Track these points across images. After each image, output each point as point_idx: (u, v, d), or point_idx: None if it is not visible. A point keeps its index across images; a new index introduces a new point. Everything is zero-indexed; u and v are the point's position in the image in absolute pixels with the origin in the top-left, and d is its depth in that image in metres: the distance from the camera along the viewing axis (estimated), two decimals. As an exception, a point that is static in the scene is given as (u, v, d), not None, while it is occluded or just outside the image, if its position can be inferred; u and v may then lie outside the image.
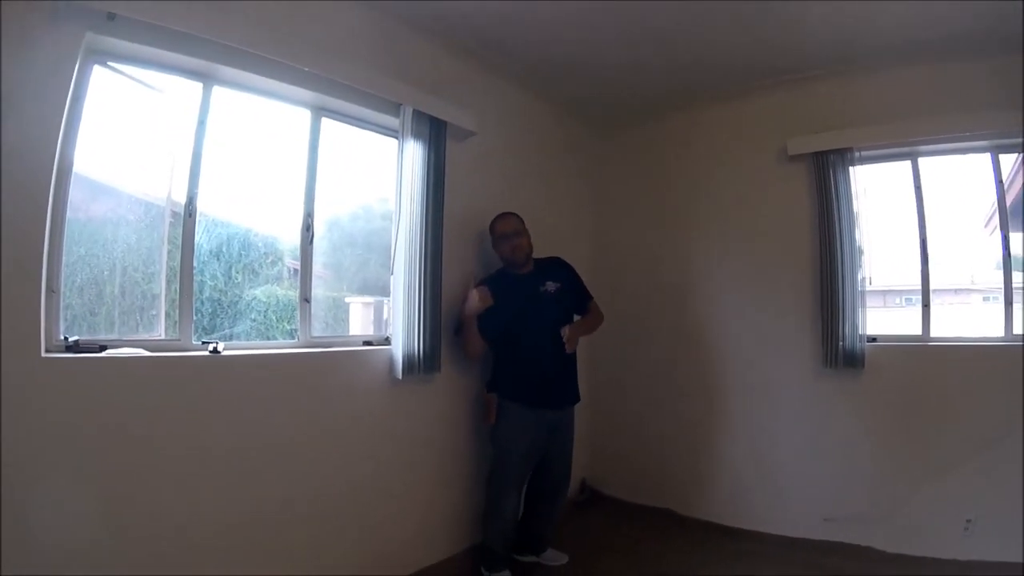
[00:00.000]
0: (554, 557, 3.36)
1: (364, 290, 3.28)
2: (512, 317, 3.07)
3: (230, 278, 2.73)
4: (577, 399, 3.29)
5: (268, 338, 2.79)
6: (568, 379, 3.23)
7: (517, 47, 3.44)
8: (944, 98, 3.27)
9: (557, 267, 3.32)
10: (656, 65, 3.61)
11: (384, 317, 3.36)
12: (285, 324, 2.88)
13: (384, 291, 3.28)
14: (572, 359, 3.24)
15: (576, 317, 3.35)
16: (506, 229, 3.20)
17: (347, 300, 3.24)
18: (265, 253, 2.91)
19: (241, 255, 2.77)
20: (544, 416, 3.10)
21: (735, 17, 3.04)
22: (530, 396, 3.07)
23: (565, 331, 3.09)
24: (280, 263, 2.98)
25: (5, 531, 1.79)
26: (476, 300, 2.98)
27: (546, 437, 3.13)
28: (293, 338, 2.83)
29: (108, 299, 2.32)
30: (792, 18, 3.04)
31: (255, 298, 2.82)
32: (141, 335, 2.37)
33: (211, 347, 2.40)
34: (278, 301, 2.89)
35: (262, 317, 2.82)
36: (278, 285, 2.94)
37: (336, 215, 3.12)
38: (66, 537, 1.92)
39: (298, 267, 3.00)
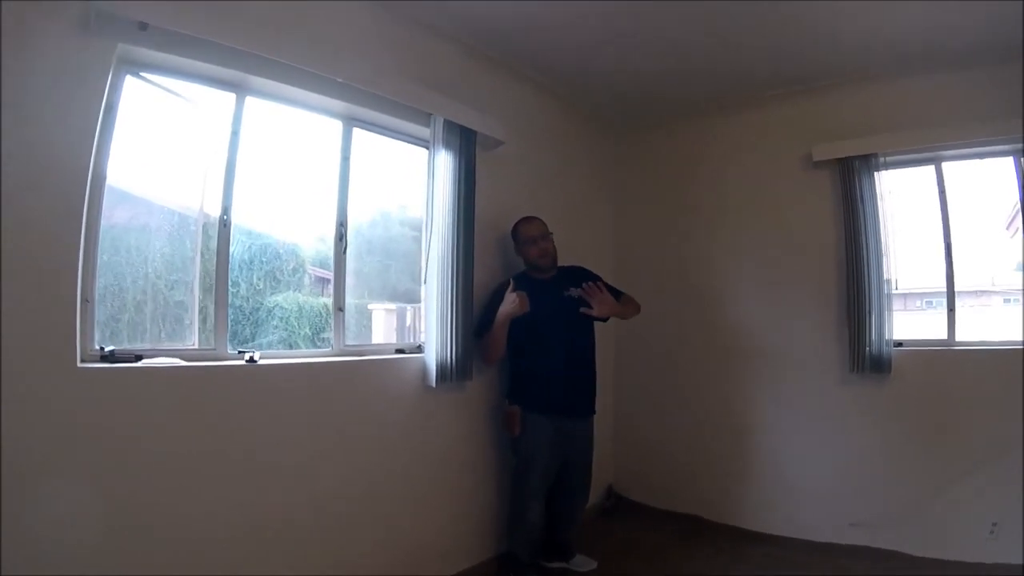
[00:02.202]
0: (583, 563, 3.35)
1: (384, 297, 3.28)
2: (535, 322, 3.04)
3: (251, 284, 2.72)
4: (594, 411, 3.27)
5: (290, 345, 2.78)
6: (588, 388, 3.23)
7: (542, 56, 3.49)
8: (967, 104, 3.28)
9: (580, 274, 3.29)
10: (678, 72, 3.64)
11: (407, 324, 3.37)
12: (306, 331, 2.87)
13: (405, 298, 3.31)
14: (592, 368, 3.25)
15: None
16: (533, 232, 3.19)
17: (370, 307, 3.23)
18: (285, 260, 2.90)
19: (262, 263, 2.76)
20: (565, 424, 3.10)
21: (757, 26, 3.06)
22: (552, 405, 3.06)
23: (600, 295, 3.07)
24: (301, 270, 2.97)
25: (44, 541, 1.80)
26: (516, 303, 2.94)
27: (567, 444, 3.13)
28: (316, 345, 2.84)
29: (138, 309, 2.32)
30: (813, 26, 3.06)
31: (277, 305, 2.82)
32: (174, 344, 2.37)
33: (247, 356, 2.41)
34: (299, 308, 2.88)
35: (284, 324, 2.81)
36: (300, 292, 2.93)
37: (357, 222, 3.12)
38: (105, 548, 1.93)
39: (319, 274, 3.02)
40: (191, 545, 2.13)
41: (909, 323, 3.62)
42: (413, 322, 3.37)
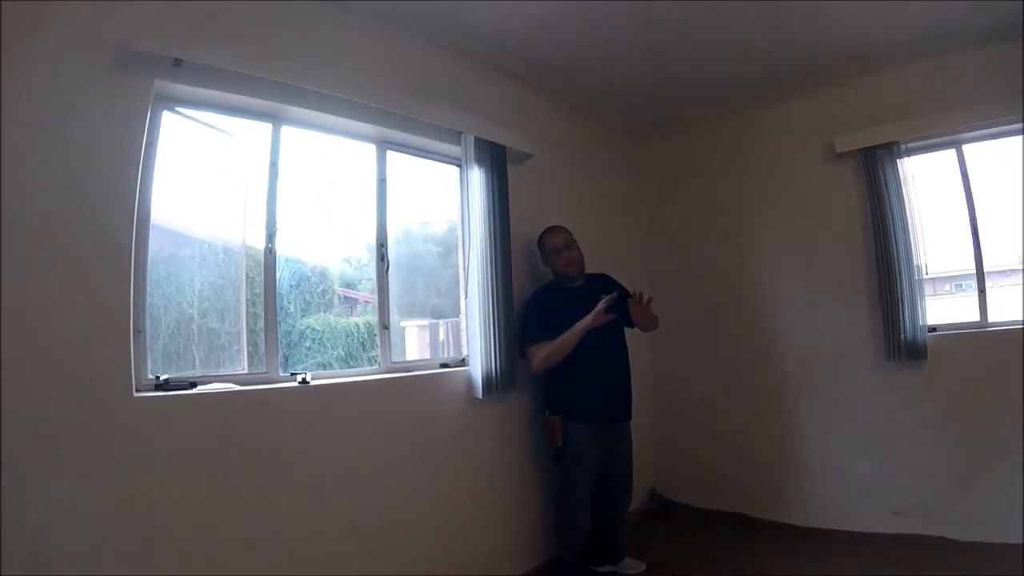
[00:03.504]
0: (632, 566, 3.35)
1: (412, 314, 3.31)
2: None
3: (283, 308, 2.75)
4: (631, 416, 3.28)
5: (324, 367, 2.80)
6: (625, 393, 3.23)
7: (564, 70, 3.54)
8: (986, 84, 3.28)
9: (608, 282, 3.31)
10: (697, 74, 3.68)
11: (440, 339, 3.40)
12: (340, 351, 2.90)
13: (433, 314, 3.35)
14: (627, 373, 3.25)
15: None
16: (558, 243, 3.19)
17: (403, 324, 3.25)
18: (315, 283, 2.94)
19: (292, 286, 2.79)
20: (605, 430, 3.11)
21: (771, 21, 3.08)
22: (591, 412, 3.07)
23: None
24: (331, 292, 3.02)
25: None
26: (601, 315, 2.93)
27: (608, 449, 3.14)
28: (350, 366, 2.88)
29: (184, 338, 2.35)
30: (827, 16, 3.07)
31: (309, 327, 2.85)
32: (224, 370, 2.41)
33: (300, 378, 2.45)
34: (332, 329, 2.91)
35: (318, 347, 2.84)
36: (330, 314, 2.97)
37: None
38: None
39: (347, 295, 3.07)
40: (255, 565, 2.17)
41: (940, 308, 3.59)
42: (446, 337, 3.41)
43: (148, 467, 1.96)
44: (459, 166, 3.15)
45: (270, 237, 2.51)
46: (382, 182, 2.96)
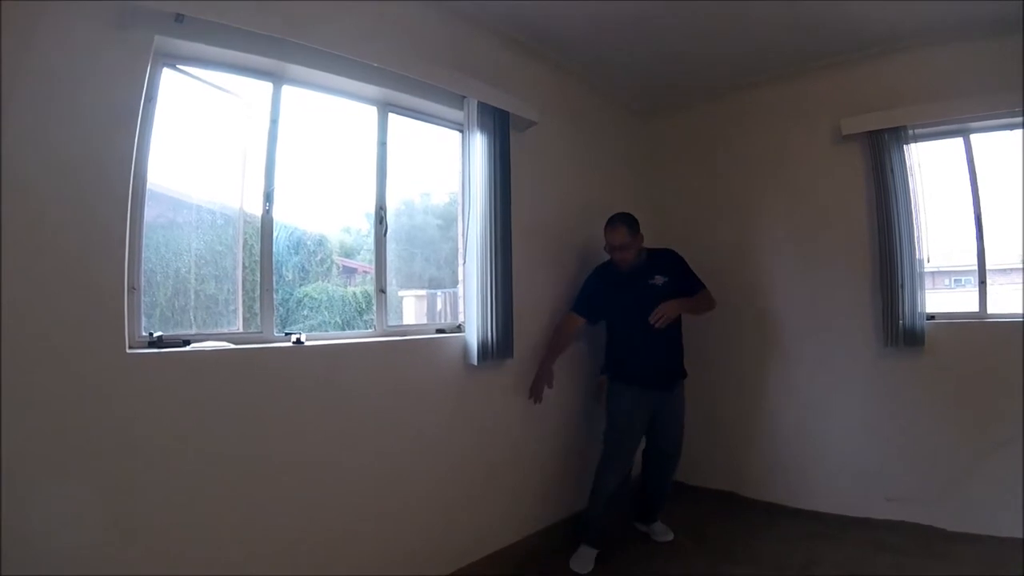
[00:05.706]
0: (661, 531, 3.47)
1: (409, 284, 3.30)
2: (620, 309, 3.26)
3: (281, 276, 2.74)
4: (683, 375, 3.41)
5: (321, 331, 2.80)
6: (675, 363, 3.35)
7: (570, 41, 3.50)
8: (997, 74, 3.23)
9: (667, 259, 3.38)
10: (705, 51, 3.64)
11: (438, 309, 3.39)
12: (337, 320, 2.89)
13: (431, 285, 3.34)
14: (677, 341, 3.36)
15: None
16: (612, 241, 3.25)
17: (401, 294, 3.25)
18: (314, 251, 2.92)
19: (291, 253, 2.78)
20: (647, 395, 3.23)
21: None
22: (632, 376, 3.25)
23: (662, 307, 3.11)
24: (329, 260, 3.00)
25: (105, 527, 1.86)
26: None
27: (652, 414, 3.27)
28: (345, 329, 2.87)
29: (180, 297, 2.35)
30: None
31: (307, 295, 2.84)
32: (219, 329, 2.40)
33: (294, 338, 2.44)
34: (329, 298, 2.90)
35: (314, 315, 2.83)
36: (328, 282, 2.96)
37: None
38: (164, 533, 1.99)
39: (345, 264, 3.05)
40: (244, 522, 2.18)
41: (938, 301, 3.55)
42: (444, 308, 3.41)
43: (140, 422, 1.95)
44: (461, 131, 3.13)
45: (268, 197, 2.48)
46: (383, 145, 2.93)
